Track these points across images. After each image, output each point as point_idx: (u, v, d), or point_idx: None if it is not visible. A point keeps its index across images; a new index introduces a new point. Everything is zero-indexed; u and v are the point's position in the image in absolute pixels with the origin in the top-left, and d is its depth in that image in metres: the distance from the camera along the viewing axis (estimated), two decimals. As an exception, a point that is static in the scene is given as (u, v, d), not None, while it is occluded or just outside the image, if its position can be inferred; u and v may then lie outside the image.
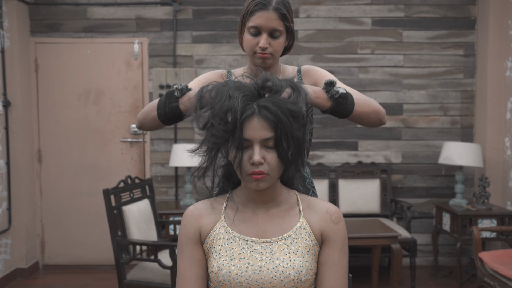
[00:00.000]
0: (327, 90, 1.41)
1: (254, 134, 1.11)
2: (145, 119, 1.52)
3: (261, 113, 1.10)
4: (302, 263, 1.17)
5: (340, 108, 1.42)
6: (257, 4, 1.53)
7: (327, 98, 1.41)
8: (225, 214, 1.24)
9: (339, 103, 1.41)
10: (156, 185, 4.32)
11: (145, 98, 4.29)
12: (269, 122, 1.10)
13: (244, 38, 1.59)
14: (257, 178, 1.14)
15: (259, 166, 1.13)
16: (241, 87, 1.13)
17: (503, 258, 3.01)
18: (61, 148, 4.31)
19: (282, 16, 1.53)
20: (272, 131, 1.11)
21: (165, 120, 1.48)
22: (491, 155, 4.07)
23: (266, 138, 1.11)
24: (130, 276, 2.98)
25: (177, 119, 1.48)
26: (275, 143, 1.12)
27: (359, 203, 4.16)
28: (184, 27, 4.28)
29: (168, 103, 1.45)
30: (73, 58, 4.28)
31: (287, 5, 1.56)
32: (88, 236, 4.33)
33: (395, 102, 4.29)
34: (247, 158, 1.13)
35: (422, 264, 4.32)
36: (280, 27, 1.53)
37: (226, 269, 1.17)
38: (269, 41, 1.54)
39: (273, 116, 1.10)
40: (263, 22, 1.52)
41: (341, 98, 1.41)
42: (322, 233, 1.22)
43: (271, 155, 1.13)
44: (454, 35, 4.27)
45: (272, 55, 1.57)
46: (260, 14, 1.52)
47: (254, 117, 1.11)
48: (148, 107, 1.51)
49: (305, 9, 4.27)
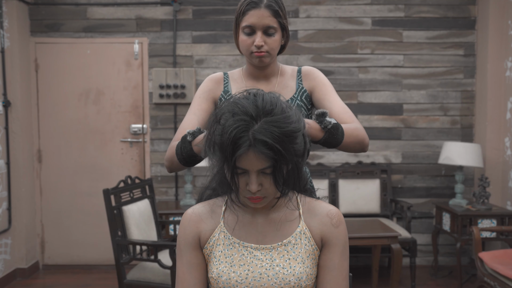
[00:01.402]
0: (319, 121, 1.40)
1: (251, 165, 1.07)
2: (171, 165, 1.53)
3: (257, 146, 1.04)
4: (303, 269, 1.16)
5: (332, 139, 1.42)
6: (248, 4, 1.53)
7: (320, 129, 1.40)
8: (224, 219, 1.23)
9: (331, 134, 1.41)
10: (156, 185, 4.32)
11: (145, 98, 4.29)
12: (265, 154, 1.05)
13: (239, 39, 1.58)
14: (255, 202, 1.13)
15: (256, 192, 1.11)
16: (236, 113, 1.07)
17: (503, 258, 3.01)
18: (61, 148, 4.31)
19: (274, 13, 1.52)
20: (269, 161, 1.07)
21: (187, 164, 1.48)
22: (491, 155, 4.06)
23: (263, 168, 1.08)
24: (130, 276, 2.98)
25: (198, 160, 1.46)
26: (272, 170, 1.09)
27: (359, 203, 4.16)
28: (184, 27, 4.28)
29: (183, 148, 1.45)
30: (73, 58, 4.28)
31: (279, 2, 1.55)
32: (88, 236, 4.33)
33: (395, 102, 4.29)
34: (244, 183, 1.11)
35: (422, 264, 4.32)
36: (274, 24, 1.53)
37: (226, 275, 1.16)
38: (264, 39, 1.54)
39: (269, 150, 1.05)
40: (256, 20, 1.52)
41: (333, 128, 1.41)
42: (322, 237, 1.20)
43: (269, 180, 1.10)
44: (454, 35, 4.27)
45: (269, 53, 1.56)
46: (253, 13, 1.52)
47: (250, 150, 1.05)
48: (169, 153, 1.52)
49: (305, 9, 4.27)
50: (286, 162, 1.08)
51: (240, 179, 1.11)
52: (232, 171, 1.09)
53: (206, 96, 1.66)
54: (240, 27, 1.57)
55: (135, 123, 4.31)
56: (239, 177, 1.11)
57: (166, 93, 4.22)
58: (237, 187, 1.12)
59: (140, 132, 4.31)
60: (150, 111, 4.29)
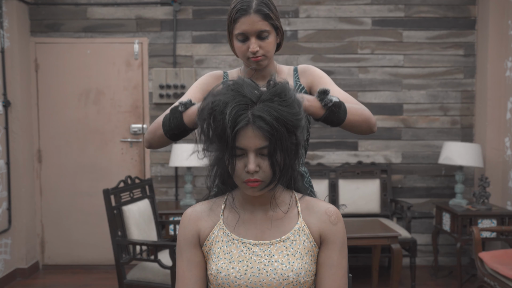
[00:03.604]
0: (320, 99, 1.41)
1: (249, 143, 1.10)
2: (152, 138, 1.53)
3: (256, 123, 1.09)
4: (301, 265, 1.17)
5: (333, 117, 1.42)
6: (238, 11, 1.52)
7: (321, 106, 1.41)
8: (224, 216, 1.24)
9: (332, 112, 1.41)
10: (156, 185, 4.32)
11: (145, 98, 4.29)
12: (263, 132, 1.09)
13: (234, 46, 1.59)
14: (252, 185, 1.14)
15: (254, 174, 1.13)
16: (237, 95, 1.12)
17: (503, 258, 3.01)
18: (61, 148, 4.31)
19: (265, 16, 1.51)
20: (267, 140, 1.10)
21: (172, 136, 1.48)
22: (491, 155, 4.06)
23: (261, 147, 1.11)
24: (130, 276, 2.98)
25: (184, 134, 1.48)
26: (269, 151, 1.12)
27: (359, 203, 4.16)
28: (184, 27, 4.28)
29: (172, 118, 1.45)
30: (73, 58, 4.28)
31: (268, 4, 1.54)
32: (88, 236, 4.33)
33: (395, 102, 4.29)
34: (242, 165, 1.13)
35: (422, 264, 4.32)
36: (266, 27, 1.52)
37: (225, 271, 1.17)
38: (258, 44, 1.53)
39: (267, 126, 1.09)
40: (248, 27, 1.51)
41: (334, 106, 1.41)
42: (321, 234, 1.21)
43: (266, 162, 1.13)
44: (454, 35, 4.27)
45: (266, 56, 1.56)
46: (243, 20, 1.51)
47: (249, 127, 1.10)
48: (153, 125, 1.52)
49: (305, 9, 4.27)
50: (282, 144, 1.11)
51: (238, 162, 1.13)
52: (231, 153, 1.12)
53: (204, 88, 1.66)
54: (233, 34, 1.56)
55: (135, 123, 4.32)
56: (237, 160, 1.13)
57: (166, 93, 4.22)
58: (234, 168, 1.14)
59: (140, 132, 4.31)
60: (150, 111, 4.29)
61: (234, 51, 1.63)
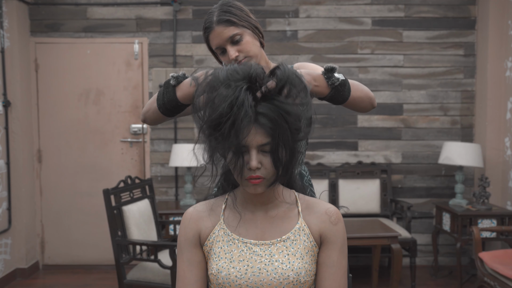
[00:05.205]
0: (327, 77, 1.39)
1: (251, 140, 1.09)
2: (147, 112, 1.51)
3: (259, 119, 1.08)
4: (301, 265, 1.17)
5: (338, 95, 1.40)
6: (205, 30, 1.55)
7: (327, 86, 1.39)
8: (224, 216, 1.24)
9: (337, 91, 1.39)
10: (156, 185, 4.32)
11: (145, 98, 4.29)
12: (266, 129, 1.08)
13: (222, 60, 1.59)
14: (254, 182, 1.13)
15: (256, 171, 1.12)
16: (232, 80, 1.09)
17: (503, 258, 3.01)
18: (61, 148, 4.31)
19: (228, 23, 1.51)
20: (269, 136, 1.09)
21: (165, 111, 1.46)
22: (491, 155, 4.06)
23: (263, 144, 1.10)
24: (130, 276, 2.98)
25: (177, 110, 1.46)
26: (271, 148, 1.11)
27: (359, 203, 4.16)
28: (184, 27, 4.28)
29: (166, 93, 1.43)
30: (73, 58, 4.28)
31: (229, 9, 1.53)
32: (88, 236, 4.33)
33: (395, 102, 4.29)
34: (244, 163, 1.12)
35: (422, 264, 4.32)
36: (234, 31, 1.51)
37: (225, 271, 1.17)
38: (236, 49, 1.52)
39: (270, 123, 1.08)
40: (218, 40, 1.52)
41: (340, 85, 1.39)
42: (321, 234, 1.21)
43: (268, 159, 1.12)
44: (454, 35, 4.27)
45: (249, 57, 1.55)
46: (212, 36, 1.53)
47: (251, 124, 1.08)
48: (151, 100, 1.51)
49: (305, 9, 4.27)
50: (284, 141, 1.10)
51: (239, 159, 1.12)
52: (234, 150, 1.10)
53: None
54: (213, 50, 1.60)
55: (135, 123, 4.32)
56: (239, 157, 1.12)
57: (166, 93, 4.22)
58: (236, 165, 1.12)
59: (140, 132, 4.31)
60: (150, 111, 4.28)
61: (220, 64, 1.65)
